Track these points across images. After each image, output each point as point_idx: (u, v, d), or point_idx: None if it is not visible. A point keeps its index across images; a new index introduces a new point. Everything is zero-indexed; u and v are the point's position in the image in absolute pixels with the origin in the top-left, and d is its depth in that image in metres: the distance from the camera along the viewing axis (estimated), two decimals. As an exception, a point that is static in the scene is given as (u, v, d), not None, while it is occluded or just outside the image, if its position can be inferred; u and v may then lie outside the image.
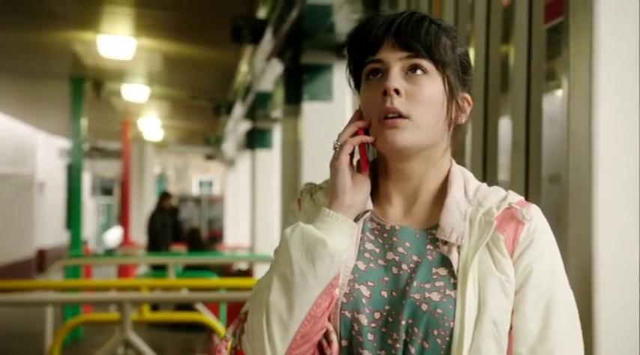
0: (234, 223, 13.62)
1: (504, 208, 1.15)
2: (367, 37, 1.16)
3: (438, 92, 1.15)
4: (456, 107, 1.18)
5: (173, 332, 8.09)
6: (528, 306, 1.12)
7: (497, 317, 1.10)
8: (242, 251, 10.86)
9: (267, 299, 1.10)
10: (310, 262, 1.09)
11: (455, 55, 1.18)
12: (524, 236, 1.14)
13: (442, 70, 1.16)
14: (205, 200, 19.54)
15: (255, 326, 1.10)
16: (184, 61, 7.41)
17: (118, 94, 8.97)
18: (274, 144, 8.75)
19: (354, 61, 1.20)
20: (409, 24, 1.15)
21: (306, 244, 1.10)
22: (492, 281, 1.11)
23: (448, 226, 1.14)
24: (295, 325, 1.09)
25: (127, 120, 11.98)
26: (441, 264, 1.14)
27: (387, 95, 1.13)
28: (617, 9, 1.73)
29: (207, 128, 12.57)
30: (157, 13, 6.03)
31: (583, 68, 1.75)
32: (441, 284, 1.12)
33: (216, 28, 6.07)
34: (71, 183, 8.68)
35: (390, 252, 1.17)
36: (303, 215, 1.22)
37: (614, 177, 1.70)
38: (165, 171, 27.15)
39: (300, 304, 1.09)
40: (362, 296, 1.13)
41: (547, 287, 1.13)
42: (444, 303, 1.10)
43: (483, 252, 1.13)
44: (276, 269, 1.11)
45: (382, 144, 1.15)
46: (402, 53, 1.15)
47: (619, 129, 1.72)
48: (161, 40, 6.67)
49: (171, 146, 17.11)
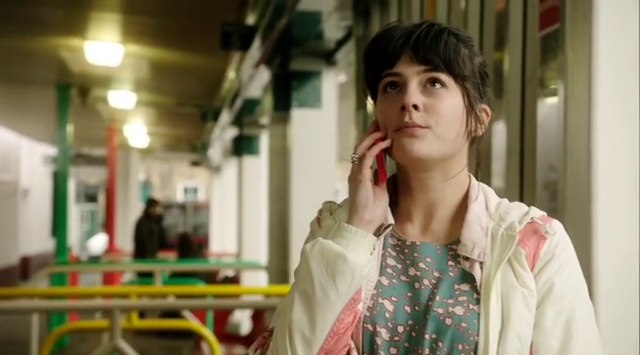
0: (219, 230, 13.58)
1: (526, 223, 1.15)
2: (385, 50, 1.15)
3: (457, 105, 1.14)
4: (474, 119, 1.17)
5: (159, 340, 8.05)
6: (549, 322, 1.11)
7: (521, 332, 1.10)
8: (228, 258, 10.82)
9: (290, 316, 1.09)
10: (331, 278, 1.08)
11: (474, 66, 1.17)
12: (545, 251, 1.14)
13: (461, 83, 1.15)
14: (190, 206, 19.47)
15: (279, 345, 1.09)
16: (171, 67, 7.38)
17: (104, 101, 8.93)
18: (261, 151, 8.74)
19: (371, 72, 1.18)
20: (427, 37, 1.14)
21: (326, 259, 1.09)
22: (515, 295, 1.11)
23: (470, 242, 1.14)
24: (319, 342, 1.08)
25: (112, 126, 11.92)
26: (463, 280, 1.14)
27: (406, 110, 1.12)
28: (617, 16, 1.73)
29: (194, 134, 12.53)
30: (145, 20, 6.00)
31: (582, 75, 1.76)
32: (464, 299, 1.12)
33: (204, 35, 6.05)
34: (57, 190, 8.63)
35: (412, 267, 1.16)
36: (323, 232, 1.19)
37: (614, 183, 1.71)
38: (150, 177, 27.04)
39: (323, 320, 1.07)
40: (385, 311, 1.13)
41: (568, 302, 1.12)
42: (468, 317, 1.10)
43: (505, 267, 1.12)
44: (297, 287, 1.10)
45: (400, 153, 1.13)
46: (420, 67, 1.13)
47: (618, 135, 1.72)
48: (148, 46, 6.64)
49: (156, 152, 17.04)
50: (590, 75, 1.74)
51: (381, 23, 3.62)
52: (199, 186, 28.56)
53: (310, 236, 1.23)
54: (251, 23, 5.10)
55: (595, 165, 1.71)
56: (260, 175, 8.60)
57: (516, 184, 2.24)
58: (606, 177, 1.71)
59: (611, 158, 1.72)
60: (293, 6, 4.12)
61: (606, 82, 1.73)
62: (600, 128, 1.72)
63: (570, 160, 1.79)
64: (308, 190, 5.11)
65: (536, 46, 2.14)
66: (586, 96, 1.75)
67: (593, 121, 1.72)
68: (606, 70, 1.73)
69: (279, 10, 4.33)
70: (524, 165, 2.22)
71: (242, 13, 5.34)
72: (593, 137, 1.72)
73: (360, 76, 3.90)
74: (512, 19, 2.29)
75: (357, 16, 3.95)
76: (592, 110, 1.73)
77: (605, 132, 1.72)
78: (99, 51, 6.43)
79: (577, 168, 1.77)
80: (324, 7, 4.27)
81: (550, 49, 2.06)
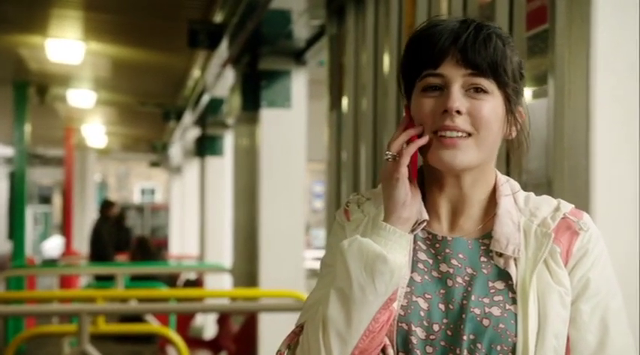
0: (179, 232, 13.42)
1: (559, 218, 1.15)
2: (431, 49, 1.13)
3: (498, 110, 1.14)
4: (512, 122, 1.17)
5: (119, 345, 7.90)
6: (585, 317, 1.12)
7: (559, 331, 1.10)
8: (189, 260, 10.69)
9: (325, 313, 1.08)
10: (370, 277, 1.07)
11: (514, 68, 1.15)
12: (578, 246, 1.14)
13: (503, 88, 1.14)
14: (148, 208, 19.21)
15: (312, 340, 1.09)
16: (134, 65, 7.26)
17: (63, 100, 8.74)
18: (225, 152, 8.65)
19: (412, 68, 1.16)
20: (477, 39, 1.12)
21: (365, 259, 1.08)
22: (552, 294, 1.11)
23: (503, 237, 1.13)
24: (354, 339, 1.07)
25: (70, 126, 11.69)
26: (497, 277, 1.13)
27: (448, 114, 1.11)
28: (615, 17, 1.72)
29: (154, 135, 12.36)
30: (107, 17, 5.88)
31: (580, 76, 1.74)
32: (500, 298, 1.11)
33: (168, 33, 5.96)
34: (14, 191, 8.41)
35: (444, 264, 1.15)
36: (352, 225, 1.19)
37: (613, 185, 1.70)
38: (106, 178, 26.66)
39: (359, 319, 1.07)
40: (420, 309, 1.12)
41: (602, 297, 1.13)
42: (505, 318, 1.10)
43: (541, 265, 1.12)
44: (333, 284, 1.10)
45: (438, 162, 1.13)
46: (465, 70, 1.12)
47: (617, 136, 1.72)
48: (110, 44, 6.52)
49: (113, 153, 16.78)
50: (589, 76, 1.72)
51: (356, 22, 3.58)
52: (157, 188, 28.24)
53: (337, 227, 1.22)
54: (219, 21, 5.02)
55: (594, 167, 1.71)
56: (224, 176, 8.51)
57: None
58: (605, 178, 1.70)
59: (609, 160, 1.71)
60: (265, 4, 4.06)
61: (605, 84, 1.72)
62: (599, 130, 1.71)
63: (568, 162, 1.78)
64: (277, 191, 5.06)
65: (523, 46, 2.12)
66: (584, 98, 1.74)
67: (591, 123, 1.71)
68: (605, 71, 1.72)
69: (250, 9, 4.26)
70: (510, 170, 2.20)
71: (209, 11, 5.26)
72: (591, 139, 1.71)
73: (334, 75, 3.89)
74: (499, 18, 2.27)
75: (330, 14, 3.91)
76: (590, 111, 1.72)
77: (603, 134, 1.72)
78: (60, 48, 6.29)
79: (575, 170, 1.76)
80: (295, 6, 4.22)
81: (538, 49, 2.04)
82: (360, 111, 3.48)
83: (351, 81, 3.58)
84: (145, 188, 28.78)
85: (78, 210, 13.49)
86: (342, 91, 3.71)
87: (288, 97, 5.11)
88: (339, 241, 1.14)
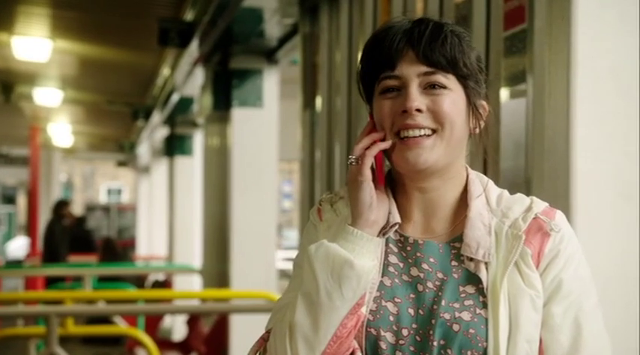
0: (147, 233, 13.29)
1: (531, 219, 1.12)
2: (386, 51, 1.12)
3: (460, 105, 1.13)
4: (475, 117, 1.15)
5: (86, 347, 7.79)
6: (557, 319, 1.10)
7: (530, 335, 1.08)
8: (157, 261, 10.59)
9: (292, 318, 1.07)
10: (337, 283, 1.06)
11: (472, 62, 1.15)
12: (549, 248, 1.12)
13: (463, 82, 1.13)
14: (114, 208, 18.98)
15: (279, 346, 1.08)
16: (102, 64, 7.17)
17: (29, 98, 8.60)
18: (195, 151, 8.58)
19: (370, 72, 1.15)
20: (431, 37, 1.11)
21: (331, 264, 1.07)
22: (523, 298, 1.09)
23: (474, 242, 1.11)
24: (322, 345, 1.06)
25: (36, 125, 11.51)
26: (468, 281, 1.11)
27: (408, 114, 1.10)
28: (596, 16, 1.72)
29: (122, 134, 12.22)
30: (75, 14, 5.79)
31: (560, 76, 1.74)
32: (470, 303, 1.10)
33: (137, 31, 5.89)
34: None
35: (415, 267, 1.14)
36: (324, 226, 1.18)
37: (593, 186, 1.70)
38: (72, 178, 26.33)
39: (327, 324, 1.06)
40: (389, 314, 1.11)
41: (575, 298, 1.11)
42: (475, 323, 1.08)
43: (511, 268, 1.10)
44: (300, 289, 1.09)
45: (403, 164, 1.12)
46: (422, 68, 1.11)
47: (597, 137, 1.72)
48: (78, 42, 6.43)
49: (79, 152, 16.57)
50: (569, 75, 1.72)
51: (330, 20, 3.56)
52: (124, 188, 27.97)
53: (310, 227, 1.21)
54: (190, 19, 4.97)
55: (574, 168, 1.70)
56: (193, 176, 8.43)
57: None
58: (586, 179, 1.70)
59: (590, 160, 1.71)
60: (237, 2, 4.02)
61: (586, 83, 1.71)
62: (580, 130, 1.70)
63: (548, 163, 1.77)
64: (249, 190, 5.03)
65: (500, 46, 2.11)
66: (564, 98, 1.73)
67: (572, 123, 1.71)
68: (586, 70, 1.71)
69: (222, 7, 4.22)
70: (487, 170, 2.19)
71: (179, 9, 5.20)
72: (572, 139, 1.71)
73: (308, 74, 3.86)
74: (476, 18, 2.26)
75: (303, 12, 3.88)
76: (571, 111, 1.72)
77: (584, 134, 1.71)
78: (26, 46, 6.18)
79: (554, 170, 1.75)
80: (268, 4, 4.19)
81: (516, 49, 2.04)
82: (334, 111, 3.46)
83: (325, 80, 3.55)
84: (111, 188, 28.50)
85: (43, 210, 13.28)
86: (316, 90, 3.69)
87: (260, 96, 5.08)
88: (311, 241, 1.14)
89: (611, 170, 1.72)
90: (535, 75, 1.87)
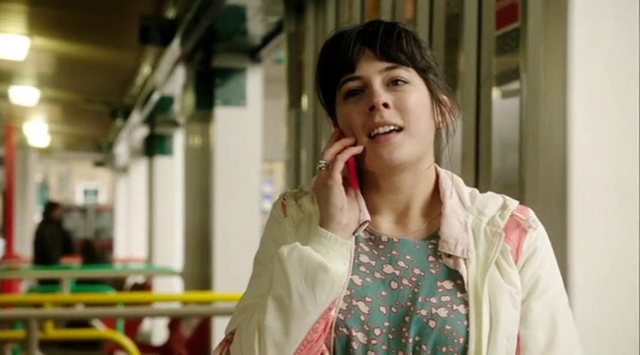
0: (126, 234, 13.17)
1: (508, 216, 1.14)
2: (344, 54, 1.12)
3: (423, 99, 1.13)
4: (439, 112, 1.16)
5: (64, 351, 7.69)
6: (535, 315, 1.12)
7: (510, 332, 1.10)
8: (136, 263, 10.48)
9: (262, 322, 1.06)
10: (310, 287, 1.05)
11: (429, 56, 1.16)
12: (527, 244, 1.13)
13: (424, 75, 1.14)
14: (92, 210, 18.79)
15: (245, 348, 1.07)
16: (80, 62, 7.08)
17: (5, 97, 8.48)
18: (175, 151, 8.50)
19: (328, 79, 1.14)
20: (385, 33, 1.12)
21: (305, 268, 1.06)
22: (503, 294, 1.10)
23: (451, 238, 1.12)
24: (292, 349, 1.06)
25: (11, 124, 11.35)
26: (446, 276, 1.12)
27: (376, 110, 1.10)
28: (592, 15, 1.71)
29: (100, 133, 12.10)
30: (53, 12, 5.71)
31: (557, 75, 1.72)
32: (447, 299, 1.10)
33: (117, 29, 5.82)
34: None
35: (389, 265, 1.13)
36: (289, 221, 1.16)
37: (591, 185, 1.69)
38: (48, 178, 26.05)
39: (298, 329, 1.06)
40: (360, 313, 1.10)
41: (552, 295, 1.14)
42: (452, 319, 1.08)
43: (492, 265, 1.11)
44: (270, 291, 1.07)
45: (377, 162, 1.12)
46: (382, 64, 1.12)
47: (594, 136, 1.71)
48: (56, 39, 6.34)
49: (55, 152, 16.38)
50: (566, 75, 1.71)
51: (316, 18, 3.52)
52: (101, 188, 27.73)
53: (273, 222, 1.19)
54: (171, 17, 4.91)
55: (571, 167, 1.69)
56: (174, 176, 8.35)
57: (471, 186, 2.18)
58: (582, 179, 1.69)
59: (587, 160, 1.71)
60: (221, 0, 3.97)
61: (582, 82, 1.71)
62: (577, 130, 1.70)
63: (543, 163, 1.75)
64: (232, 191, 4.98)
65: (492, 45, 2.09)
66: (561, 97, 1.72)
67: (568, 123, 1.70)
68: (582, 69, 1.71)
69: (205, 4, 4.16)
70: (480, 169, 2.17)
71: (161, 6, 5.14)
72: (569, 139, 1.70)
73: (293, 73, 3.82)
74: (468, 17, 2.23)
75: (288, 11, 3.84)
76: (567, 111, 1.71)
77: (581, 133, 1.71)
78: (2, 44, 6.08)
79: (550, 171, 1.74)
80: (252, 2, 4.15)
81: (509, 48, 2.02)
82: (320, 110, 3.41)
83: (312, 79, 3.51)
84: (87, 189, 28.25)
85: (19, 211, 13.11)
86: (302, 89, 3.65)
87: (244, 95, 5.04)
88: (274, 236, 1.15)
89: (607, 169, 1.72)
90: (529, 74, 1.85)
